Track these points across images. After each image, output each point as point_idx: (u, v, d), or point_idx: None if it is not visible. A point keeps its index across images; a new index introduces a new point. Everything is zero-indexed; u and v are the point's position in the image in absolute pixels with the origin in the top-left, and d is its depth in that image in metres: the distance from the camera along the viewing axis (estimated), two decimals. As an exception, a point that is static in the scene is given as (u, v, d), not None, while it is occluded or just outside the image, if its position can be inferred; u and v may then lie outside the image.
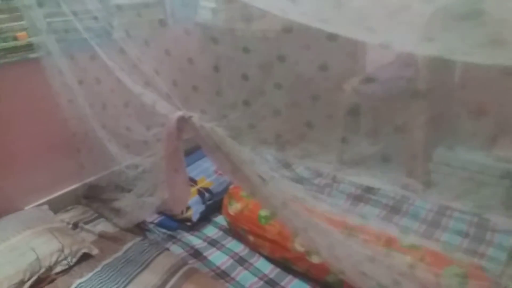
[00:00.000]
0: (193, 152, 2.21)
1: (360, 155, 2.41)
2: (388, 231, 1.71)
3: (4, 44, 1.83)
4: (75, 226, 1.99)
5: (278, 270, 1.70)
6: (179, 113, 1.16)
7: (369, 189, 2.17)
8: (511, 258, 1.66)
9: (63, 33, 1.75)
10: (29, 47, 1.87)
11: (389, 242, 1.50)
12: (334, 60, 1.33)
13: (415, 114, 1.95)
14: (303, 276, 1.64)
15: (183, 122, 1.17)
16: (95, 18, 1.58)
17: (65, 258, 1.69)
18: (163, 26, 1.75)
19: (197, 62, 1.11)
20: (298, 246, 1.60)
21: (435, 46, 0.72)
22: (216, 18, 2.30)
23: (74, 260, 1.70)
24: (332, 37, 0.97)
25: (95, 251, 1.77)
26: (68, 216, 2.07)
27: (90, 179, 2.21)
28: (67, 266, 1.67)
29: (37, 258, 1.61)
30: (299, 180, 2.30)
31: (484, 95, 1.74)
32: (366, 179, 2.29)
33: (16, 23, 1.86)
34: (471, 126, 1.90)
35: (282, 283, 1.63)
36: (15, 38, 1.86)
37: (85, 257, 1.73)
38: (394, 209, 2.01)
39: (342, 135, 2.30)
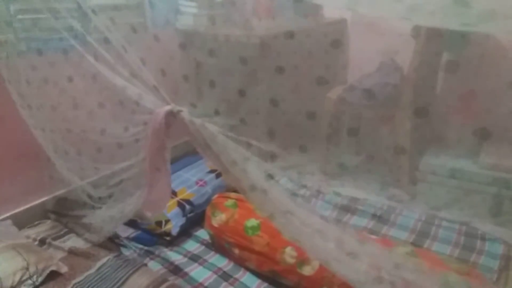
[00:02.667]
0: (173, 162, 2.09)
1: (344, 166, 2.38)
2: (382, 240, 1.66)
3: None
4: (43, 242, 1.81)
5: (265, 284, 1.59)
6: (168, 107, 1.07)
7: (355, 200, 2.11)
8: (504, 266, 1.62)
9: (35, 30, 1.63)
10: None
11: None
12: (331, 71, 1.28)
13: (401, 122, 1.94)
14: (293, 290, 1.54)
15: (171, 117, 1.08)
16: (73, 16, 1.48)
17: (30, 277, 1.52)
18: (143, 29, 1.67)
19: (189, 48, 1.03)
20: (288, 257, 1.51)
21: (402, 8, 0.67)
22: (198, 23, 2.25)
23: (41, 279, 1.53)
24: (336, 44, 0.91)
25: (64, 269, 1.61)
26: (35, 231, 1.89)
27: (60, 192, 2.04)
28: (32, 286, 1.50)
29: (-2, 278, 1.44)
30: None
31: (469, 101, 1.75)
32: (351, 190, 2.25)
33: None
34: (456, 134, 1.90)
35: (271, 299, 1.53)
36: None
37: (53, 275, 1.57)
38: (382, 219, 1.96)
39: (326, 146, 2.27)
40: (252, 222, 1.63)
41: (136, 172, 1.48)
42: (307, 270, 1.47)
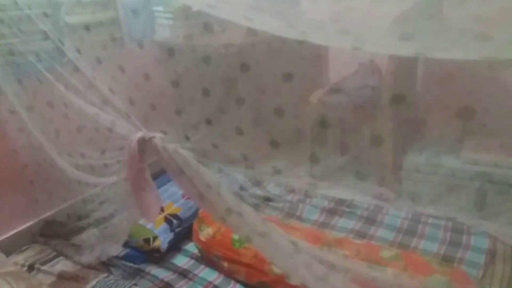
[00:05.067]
0: (158, 176, 2.09)
1: (330, 167, 2.39)
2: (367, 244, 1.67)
3: None
4: (31, 268, 1.81)
5: (256, 296, 1.60)
6: (140, 134, 1.07)
7: (342, 202, 2.13)
8: (490, 260, 1.65)
9: (8, 56, 1.62)
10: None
11: (370, 255, 1.46)
12: (299, 70, 1.28)
13: (382, 122, 1.95)
14: (283, 300, 1.55)
15: (144, 143, 1.07)
16: (46, 38, 1.47)
17: (20, 306, 1.51)
18: (120, 44, 1.66)
19: (154, 77, 1.03)
20: (276, 268, 1.51)
21: (412, 45, 0.67)
22: (174, 35, 2.24)
23: (31, 306, 1.53)
24: (299, 43, 0.92)
25: (54, 294, 1.61)
26: (23, 257, 1.88)
27: (46, 214, 2.03)
28: (22, 314, 1.50)
29: (-13, 309, 1.43)
30: (271, 198, 2.23)
31: (450, 98, 1.77)
32: (338, 192, 2.26)
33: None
34: (438, 131, 1.92)
35: (262, 310, 1.53)
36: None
37: (43, 302, 1.56)
38: (369, 220, 1.97)
39: (311, 149, 2.27)
40: (239, 234, 1.64)
41: (121, 191, 1.48)
42: (295, 280, 1.48)
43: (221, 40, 1.99)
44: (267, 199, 2.21)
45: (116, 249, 1.84)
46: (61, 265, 1.83)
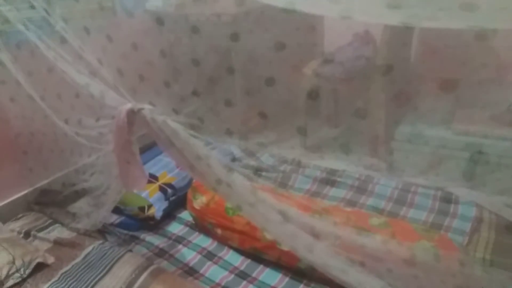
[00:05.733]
0: (152, 147, 2.11)
1: (322, 138, 2.41)
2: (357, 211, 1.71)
3: None
4: (27, 234, 1.84)
5: (248, 261, 1.64)
6: (128, 105, 1.07)
7: (334, 172, 2.16)
8: (476, 228, 1.69)
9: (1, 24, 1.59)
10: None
11: (359, 222, 1.49)
12: (293, 40, 1.26)
13: (376, 93, 1.96)
14: (274, 264, 1.60)
15: (133, 114, 1.08)
16: (32, 7, 1.44)
17: (18, 270, 1.55)
18: (110, 13, 1.63)
19: (143, 47, 1.01)
20: (268, 234, 1.55)
21: (400, 14, 0.67)
22: (166, 3, 2.19)
23: (28, 271, 1.57)
24: (289, 12, 0.91)
25: (50, 260, 1.64)
26: (19, 224, 1.91)
27: (41, 183, 2.05)
28: (20, 279, 1.54)
29: (-15, 274, 1.47)
30: (265, 168, 2.25)
31: (443, 69, 1.76)
32: (330, 162, 2.29)
33: None
34: (430, 102, 1.92)
35: (254, 274, 1.58)
36: None
37: (40, 267, 1.60)
38: (360, 189, 2.01)
39: (304, 120, 2.28)
40: (231, 202, 1.67)
41: (109, 162, 1.48)
42: (286, 246, 1.52)
43: (214, 9, 1.96)
44: (260, 170, 2.24)
45: (109, 216, 1.87)
46: (57, 232, 1.86)
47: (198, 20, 1.89)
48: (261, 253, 1.62)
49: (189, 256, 1.70)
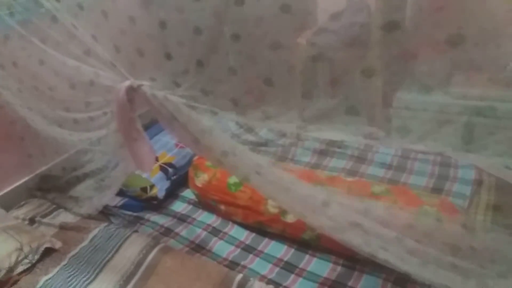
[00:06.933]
0: (149, 127, 2.09)
1: (320, 110, 2.39)
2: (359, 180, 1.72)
3: None
4: (32, 221, 1.85)
5: (253, 235, 1.67)
6: (127, 83, 1.05)
7: (333, 143, 2.16)
8: (476, 191, 1.71)
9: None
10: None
11: (361, 191, 1.51)
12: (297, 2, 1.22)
13: (372, 60, 1.93)
14: (279, 237, 1.62)
15: (132, 92, 1.06)
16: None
17: (26, 257, 1.57)
18: None
19: (140, 20, 0.98)
20: (271, 208, 1.57)
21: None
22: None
23: (37, 257, 1.58)
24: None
25: (58, 244, 1.66)
26: (23, 211, 1.92)
27: (41, 169, 2.04)
28: (29, 265, 1.55)
29: (-6, 261, 1.48)
30: (264, 143, 2.25)
31: (439, 32, 1.74)
32: (329, 133, 2.28)
33: None
34: (427, 66, 1.91)
35: (259, 247, 1.61)
36: None
37: (48, 252, 1.62)
38: (360, 159, 2.02)
39: (302, 91, 2.26)
40: (234, 178, 1.68)
41: (112, 143, 1.47)
42: (290, 218, 1.54)
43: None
44: (260, 144, 2.24)
45: (112, 199, 1.87)
46: (62, 217, 1.87)
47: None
48: (265, 226, 1.64)
49: (195, 233, 1.71)
